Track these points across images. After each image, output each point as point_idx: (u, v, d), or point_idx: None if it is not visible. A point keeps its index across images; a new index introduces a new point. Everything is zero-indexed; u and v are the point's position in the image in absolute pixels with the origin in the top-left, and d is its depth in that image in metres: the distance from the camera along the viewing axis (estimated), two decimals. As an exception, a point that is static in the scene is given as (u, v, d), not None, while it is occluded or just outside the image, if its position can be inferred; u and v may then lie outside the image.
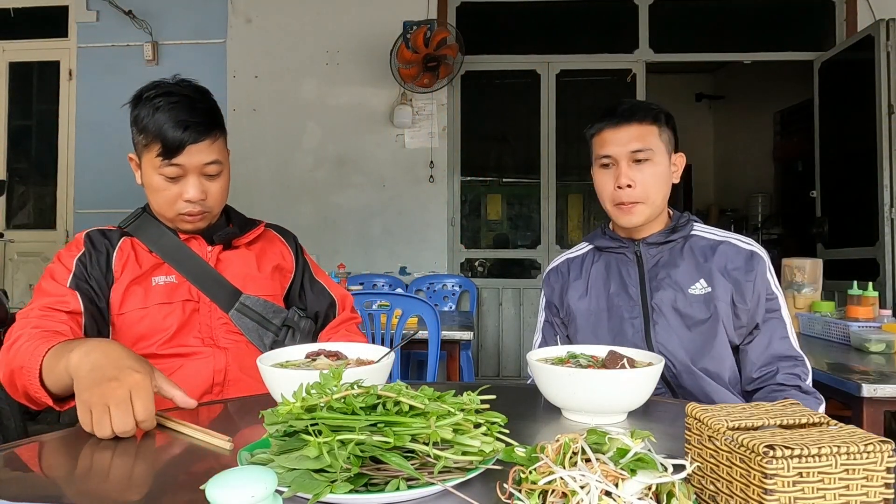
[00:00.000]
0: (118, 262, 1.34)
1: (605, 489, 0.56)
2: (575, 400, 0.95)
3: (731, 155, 7.71)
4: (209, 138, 1.30)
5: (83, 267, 1.31)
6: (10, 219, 4.98)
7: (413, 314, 2.59)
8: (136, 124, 1.31)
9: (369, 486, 0.66)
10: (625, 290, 1.43)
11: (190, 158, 1.28)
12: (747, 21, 4.88)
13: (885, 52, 3.82)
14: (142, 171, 1.34)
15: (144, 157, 1.31)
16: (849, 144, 4.23)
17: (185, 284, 1.35)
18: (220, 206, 1.39)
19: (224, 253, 1.42)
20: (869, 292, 2.25)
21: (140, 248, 1.37)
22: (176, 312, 1.32)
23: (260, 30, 4.71)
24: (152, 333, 1.30)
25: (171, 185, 1.30)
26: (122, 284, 1.32)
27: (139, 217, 1.41)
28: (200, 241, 1.39)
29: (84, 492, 0.76)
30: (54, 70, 4.86)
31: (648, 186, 1.39)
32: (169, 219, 1.36)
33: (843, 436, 0.58)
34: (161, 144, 1.26)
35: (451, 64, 4.40)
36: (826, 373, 1.70)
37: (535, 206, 4.89)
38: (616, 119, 1.41)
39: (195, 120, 1.28)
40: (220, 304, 1.35)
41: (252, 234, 1.46)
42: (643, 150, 1.39)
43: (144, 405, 0.90)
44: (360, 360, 1.08)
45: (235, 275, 1.39)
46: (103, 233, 1.38)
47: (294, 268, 1.53)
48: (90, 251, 1.33)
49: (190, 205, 1.31)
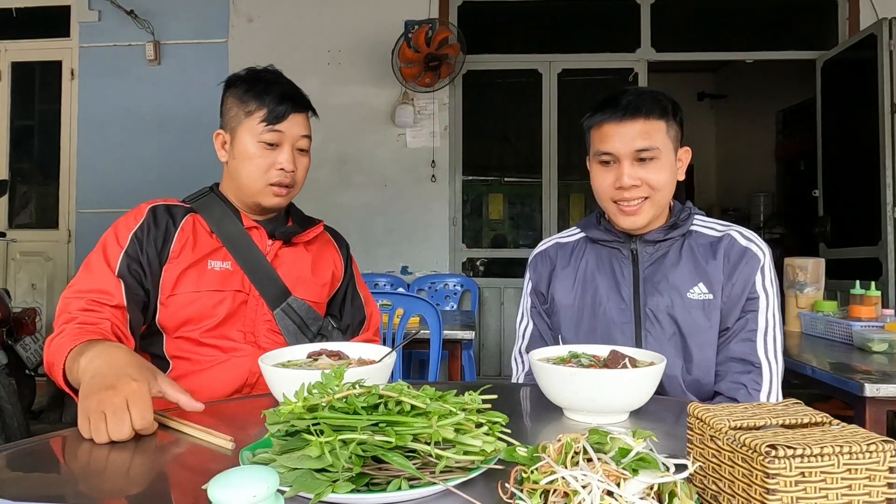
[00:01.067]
0: (178, 242, 1.35)
1: (607, 489, 0.56)
2: (577, 400, 0.95)
3: (733, 154, 7.69)
4: (307, 112, 1.42)
5: (137, 244, 1.31)
6: (12, 218, 4.99)
7: (415, 314, 2.58)
8: (235, 98, 1.38)
9: (371, 485, 0.66)
10: (616, 291, 1.33)
11: (290, 127, 1.36)
12: (749, 20, 4.87)
13: (888, 51, 3.81)
14: (233, 144, 1.38)
15: (243, 125, 1.36)
16: (851, 144, 4.22)
17: (239, 274, 1.36)
18: (301, 185, 1.43)
19: (282, 249, 1.43)
20: (871, 292, 2.24)
21: (202, 228, 1.38)
22: (227, 301, 1.34)
23: (261, 29, 4.71)
24: (199, 319, 1.32)
25: (266, 154, 1.36)
26: (178, 265, 1.33)
27: (206, 195, 1.43)
28: (262, 232, 1.41)
29: (85, 491, 0.76)
30: (56, 70, 4.87)
31: (654, 184, 1.28)
32: (256, 190, 1.37)
33: (845, 435, 0.58)
34: (267, 111, 1.34)
35: (453, 63, 4.40)
36: (828, 372, 1.69)
37: (537, 205, 4.89)
38: (620, 112, 1.27)
39: (298, 94, 1.41)
40: (268, 300, 1.37)
41: (311, 233, 1.48)
42: (649, 150, 1.27)
43: (141, 413, 0.90)
44: (361, 360, 1.08)
45: (288, 274, 1.41)
46: (168, 209, 1.38)
47: (342, 278, 1.56)
48: (149, 226, 1.33)
49: (282, 174, 1.36)
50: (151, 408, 0.92)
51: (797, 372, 1.85)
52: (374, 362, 1.04)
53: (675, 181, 1.33)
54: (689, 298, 1.28)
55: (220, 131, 1.42)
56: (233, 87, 1.40)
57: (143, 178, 4.62)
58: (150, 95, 4.72)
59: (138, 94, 4.72)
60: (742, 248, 1.31)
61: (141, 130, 4.72)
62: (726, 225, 1.36)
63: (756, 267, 1.29)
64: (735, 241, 1.32)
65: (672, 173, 1.31)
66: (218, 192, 1.45)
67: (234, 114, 1.38)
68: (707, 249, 1.32)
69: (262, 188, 1.37)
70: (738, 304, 1.28)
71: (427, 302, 2.55)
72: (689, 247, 1.33)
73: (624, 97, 1.29)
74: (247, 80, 1.39)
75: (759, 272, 1.29)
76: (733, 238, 1.33)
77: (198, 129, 4.71)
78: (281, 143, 1.37)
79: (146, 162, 4.70)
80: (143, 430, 0.90)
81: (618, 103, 1.29)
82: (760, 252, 1.31)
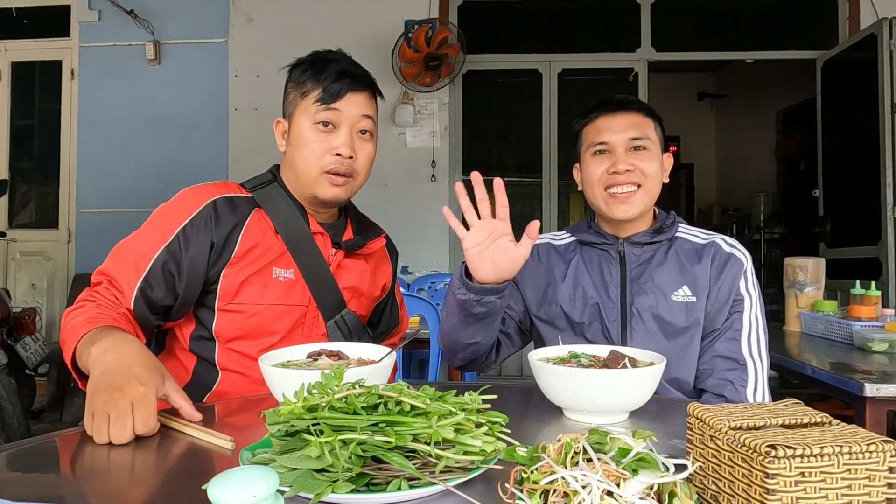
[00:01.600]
0: (244, 243, 1.23)
1: (607, 489, 0.56)
2: (576, 400, 0.95)
3: (733, 154, 7.70)
4: (368, 91, 1.31)
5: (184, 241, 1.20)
6: (12, 218, 4.99)
7: (415, 313, 2.58)
8: (294, 81, 1.29)
9: (371, 485, 0.66)
10: (604, 290, 1.37)
11: (347, 107, 1.26)
12: (749, 20, 4.87)
13: (888, 50, 3.81)
14: (291, 130, 1.29)
15: (299, 108, 1.27)
16: (851, 143, 4.22)
17: (301, 284, 1.27)
18: (364, 177, 1.33)
19: (345, 259, 1.35)
20: (871, 292, 2.24)
21: (268, 227, 1.27)
22: (288, 316, 1.25)
23: (261, 29, 4.71)
24: (258, 335, 1.23)
25: (322, 137, 1.25)
26: (241, 271, 1.22)
27: (269, 184, 1.32)
28: (327, 239, 1.32)
29: (86, 492, 0.76)
30: (56, 70, 4.87)
31: (647, 171, 1.33)
32: (311, 179, 1.26)
33: (845, 435, 0.58)
34: (322, 89, 1.25)
35: (453, 63, 4.40)
36: (829, 372, 1.69)
37: (537, 204, 4.89)
38: (613, 107, 1.36)
39: (358, 71, 1.30)
40: (325, 312, 1.30)
41: (374, 247, 1.40)
42: (641, 139, 1.34)
43: (144, 419, 0.89)
44: (361, 360, 1.08)
45: (347, 287, 1.34)
46: (231, 202, 1.26)
47: (390, 288, 1.51)
48: (206, 221, 1.21)
49: (338, 160, 1.25)
50: (155, 413, 0.92)
51: (797, 372, 1.85)
52: (373, 362, 1.04)
53: (661, 181, 1.38)
54: (673, 300, 1.33)
55: (281, 119, 1.34)
56: (293, 70, 1.32)
57: (143, 177, 4.61)
58: (151, 95, 4.73)
59: (138, 93, 4.73)
60: (727, 253, 1.36)
61: (141, 130, 4.72)
62: (710, 234, 1.42)
63: (740, 271, 1.35)
64: (720, 248, 1.37)
65: (660, 169, 1.37)
66: (281, 182, 1.33)
67: (292, 98, 1.30)
68: (692, 255, 1.37)
69: (317, 176, 1.26)
70: (726, 306, 1.33)
71: (427, 302, 2.55)
72: (674, 251, 1.38)
73: (616, 97, 1.39)
74: (307, 61, 1.31)
75: (742, 276, 1.34)
76: (718, 245, 1.38)
77: (198, 128, 4.71)
78: (338, 124, 1.26)
79: (146, 162, 4.70)
80: (143, 436, 0.89)
81: (611, 101, 1.38)
82: (743, 257, 1.37)
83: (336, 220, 1.39)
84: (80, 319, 1.10)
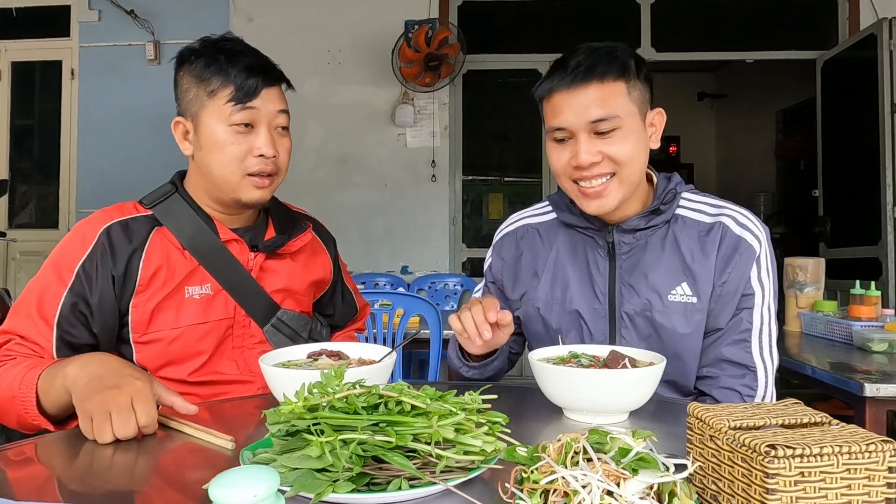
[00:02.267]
0: (146, 271, 1.14)
1: (607, 489, 0.56)
2: (577, 399, 0.95)
3: (733, 154, 7.70)
4: (281, 84, 1.21)
5: (83, 279, 1.11)
6: (12, 218, 4.99)
7: (415, 313, 2.58)
8: (193, 76, 1.17)
9: (371, 485, 0.66)
10: (590, 287, 1.20)
11: (265, 104, 1.16)
12: (749, 20, 4.87)
13: (888, 50, 3.81)
14: (198, 132, 1.17)
15: (207, 109, 1.15)
16: (851, 143, 4.22)
17: (222, 296, 1.20)
18: (285, 172, 1.23)
19: (267, 261, 1.26)
20: (871, 292, 2.24)
21: (171, 246, 1.18)
22: (212, 333, 1.18)
23: (261, 29, 4.70)
24: (183, 359, 1.17)
25: (240, 139, 1.15)
26: (150, 301, 1.15)
27: (169, 196, 1.21)
28: (242, 245, 1.23)
29: (85, 491, 0.76)
30: (57, 70, 4.87)
31: (619, 157, 1.09)
32: (233, 184, 1.17)
33: (844, 435, 0.58)
34: (234, 87, 1.14)
35: (453, 63, 4.40)
36: (828, 372, 1.69)
37: (537, 205, 4.89)
38: (569, 77, 1.08)
39: (269, 64, 1.20)
40: (257, 318, 1.23)
41: (299, 242, 1.30)
42: (607, 119, 1.08)
43: (146, 410, 0.89)
44: (361, 360, 1.08)
45: (276, 289, 1.26)
46: (126, 227, 1.15)
47: (331, 279, 1.43)
48: (103, 255, 1.13)
49: (262, 161, 1.16)
50: (155, 406, 0.92)
51: (797, 372, 1.84)
52: (374, 362, 1.04)
53: (647, 150, 1.15)
54: (670, 301, 1.15)
55: (180, 119, 1.20)
56: (187, 63, 1.19)
57: (144, 177, 4.58)
58: (151, 95, 4.72)
59: (138, 93, 4.72)
60: (735, 238, 1.15)
61: (141, 130, 4.72)
62: (719, 206, 1.20)
63: (751, 260, 1.15)
64: (728, 231, 1.16)
65: (640, 142, 1.13)
66: (183, 192, 1.23)
67: (194, 95, 1.17)
68: (695, 241, 1.17)
69: (239, 180, 1.16)
70: (731, 303, 1.16)
71: (427, 302, 2.55)
72: (673, 237, 1.18)
73: (573, 57, 1.10)
74: (204, 53, 1.17)
75: (754, 265, 1.15)
76: (726, 227, 1.17)
77: (198, 128, 4.71)
78: (256, 123, 1.16)
79: (146, 162, 4.69)
80: (146, 427, 0.89)
81: (566, 66, 1.10)
82: (756, 241, 1.16)
83: (253, 223, 1.29)
84: (16, 371, 1.03)
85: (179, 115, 1.21)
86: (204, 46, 1.19)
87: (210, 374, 1.19)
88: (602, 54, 1.10)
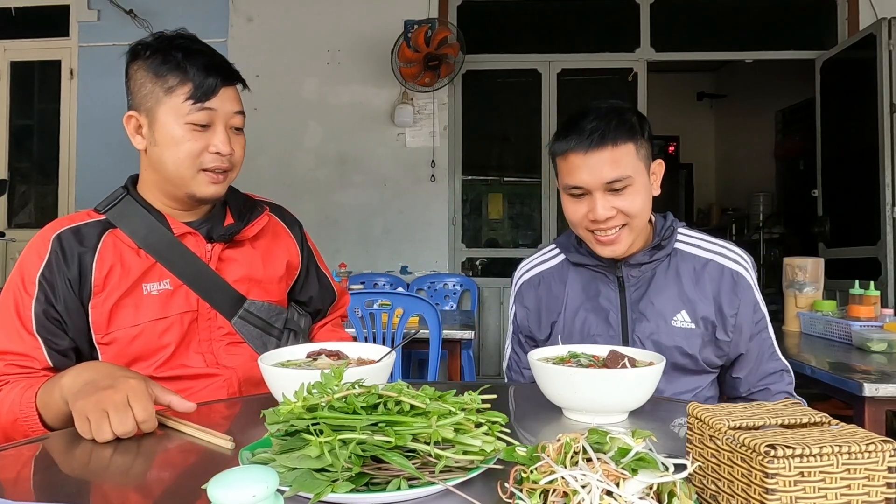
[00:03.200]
0: (100, 271, 1.15)
1: (607, 489, 0.56)
2: (576, 399, 0.95)
3: (732, 154, 7.70)
4: (237, 84, 1.23)
5: (48, 288, 1.12)
6: (11, 218, 4.99)
7: (414, 313, 2.59)
8: (148, 71, 1.16)
9: (370, 485, 0.66)
10: (605, 319, 1.32)
11: (222, 103, 1.17)
12: (749, 20, 4.87)
13: (887, 50, 3.82)
14: (152, 128, 1.17)
15: (164, 106, 1.15)
16: (851, 143, 4.22)
17: (182, 290, 1.19)
18: (238, 168, 1.24)
19: (226, 251, 1.26)
20: (870, 291, 2.25)
21: (125, 245, 1.19)
22: (175, 327, 1.18)
23: (261, 29, 4.71)
24: (147, 354, 1.16)
25: (196, 136, 1.16)
26: (107, 300, 1.15)
27: (121, 199, 1.22)
28: (198, 237, 1.23)
29: (85, 491, 0.76)
30: (56, 69, 4.86)
31: (630, 211, 1.24)
32: (187, 179, 1.18)
33: (844, 435, 0.58)
34: (192, 86, 1.14)
35: (453, 63, 4.40)
36: (828, 372, 1.70)
37: (537, 205, 4.89)
38: (586, 143, 1.21)
39: (226, 64, 1.21)
40: (223, 311, 1.23)
41: (256, 227, 1.29)
42: (621, 179, 1.21)
43: (143, 406, 0.89)
44: (361, 360, 1.08)
45: (239, 279, 1.25)
46: (77, 232, 1.17)
47: (300, 263, 1.40)
48: (58, 262, 1.14)
49: (218, 158, 1.17)
50: (152, 402, 0.92)
51: (796, 372, 1.84)
52: (373, 362, 1.04)
53: (650, 201, 1.29)
54: (673, 326, 1.28)
55: (132, 113, 1.19)
56: (141, 58, 1.18)
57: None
58: (150, 95, 4.72)
59: (138, 93, 4.72)
60: (732, 272, 1.30)
61: (140, 130, 4.72)
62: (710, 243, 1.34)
63: (752, 289, 1.31)
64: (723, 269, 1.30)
65: (647, 195, 1.27)
66: (135, 194, 1.23)
67: (149, 91, 1.16)
68: (691, 276, 1.31)
69: (193, 175, 1.17)
70: (748, 330, 1.31)
71: (426, 301, 2.55)
72: (674, 269, 1.32)
73: (587, 122, 1.23)
74: (159, 48, 1.17)
75: (754, 292, 1.32)
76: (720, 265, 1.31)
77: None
78: (213, 123, 1.17)
79: (145, 161, 4.71)
80: (144, 423, 0.89)
81: (582, 131, 1.22)
82: (746, 272, 1.32)
83: (209, 214, 1.28)
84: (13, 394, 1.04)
85: (132, 110, 1.20)
86: (159, 42, 1.18)
87: (176, 367, 1.18)
88: (613, 119, 1.23)
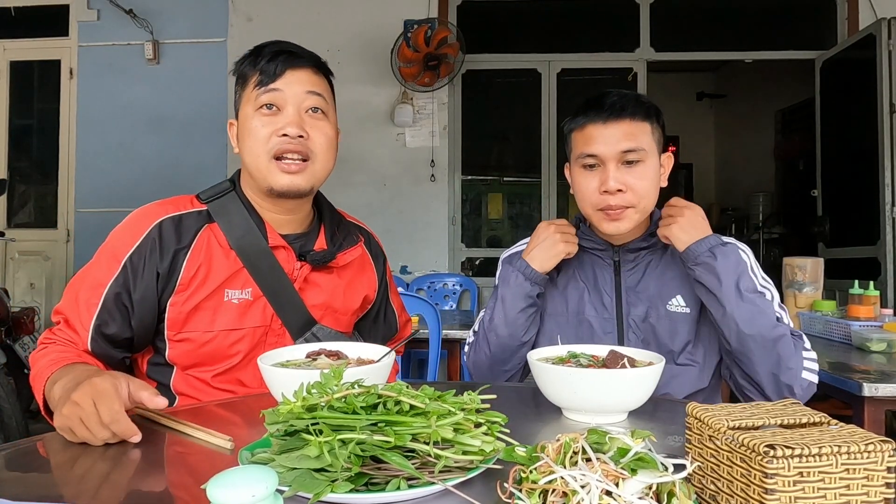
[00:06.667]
0: (188, 269, 1.15)
1: (606, 489, 0.56)
2: (575, 399, 0.95)
3: (732, 154, 7.70)
4: (311, 68, 1.19)
5: (129, 271, 1.12)
6: (10, 217, 4.98)
7: (414, 313, 2.58)
8: (238, 78, 1.22)
9: (370, 485, 0.66)
10: (599, 300, 1.33)
11: (289, 85, 1.15)
12: (749, 20, 4.87)
13: (887, 50, 3.81)
14: (239, 125, 1.20)
15: (242, 101, 1.19)
16: (850, 143, 4.22)
17: (260, 303, 1.18)
18: (324, 161, 1.19)
19: (312, 274, 1.23)
20: (870, 291, 2.25)
21: (217, 244, 1.17)
22: (246, 339, 1.17)
23: (261, 28, 4.70)
24: (214, 361, 1.16)
25: (266, 120, 1.15)
26: (188, 300, 1.15)
27: (225, 194, 1.21)
28: (289, 253, 1.21)
29: (85, 491, 0.76)
30: (55, 69, 4.86)
31: (640, 191, 1.24)
32: (262, 170, 1.16)
33: (843, 435, 0.58)
34: (259, 72, 1.16)
35: (452, 63, 4.40)
36: (827, 372, 1.69)
37: (536, 204, 4.89)
38: (605, 114, 1.23)
39: (297, 50, 1.20)
40: (292, 330, 1.21)
41: (348, 257, 1.27)
42: (635, 151, 1.23)
43: (108, 407, 0.86)
44: (360, 360, 1.08)
45: (318, 304, 1.24)
46: (179, 225, 1.16)
47: (375, 298, 1.38)
48: (151, 249, 1.13)
49: (286, 141, 1.13)
50: (117, 401, 0.88)
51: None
52: (372, 362, 1.04)
53: (658, 189, 1.29)
54: (669, 310, 1.29)
55: (233, 120, 1.24)
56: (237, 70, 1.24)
57: (142, 177, 4.61)
58: (149, 95, 4.72)
59: (137, 93, 4.72)
60: None
61: (140, 130, 4.72)
62: None
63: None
64: None
65: (656, 180, 1.28)
66: (240, 191, 1.23)
67: (237, 94, 1.22)
68: None
69: (266, 164, 1.15)
70: None
71: (426, 301, 2.55)
72: (670, 255, 1.32)
73: (607, 98, 1.25)
74: (248, 54, 1.22)
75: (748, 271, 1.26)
76: None
77: (197, 128, 4.71)
78: (282, 105, 1.15)
79: (145, 161, 4.70)
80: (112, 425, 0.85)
81: (601, 104, 1.25)
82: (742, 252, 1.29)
83: (305, 229, 1.27)
84: (44, 362, 1.07)
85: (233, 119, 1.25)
86: (250, 51, 1.22)
87: (231, 382, 1.19)
88: (631, 98, 1.27)
